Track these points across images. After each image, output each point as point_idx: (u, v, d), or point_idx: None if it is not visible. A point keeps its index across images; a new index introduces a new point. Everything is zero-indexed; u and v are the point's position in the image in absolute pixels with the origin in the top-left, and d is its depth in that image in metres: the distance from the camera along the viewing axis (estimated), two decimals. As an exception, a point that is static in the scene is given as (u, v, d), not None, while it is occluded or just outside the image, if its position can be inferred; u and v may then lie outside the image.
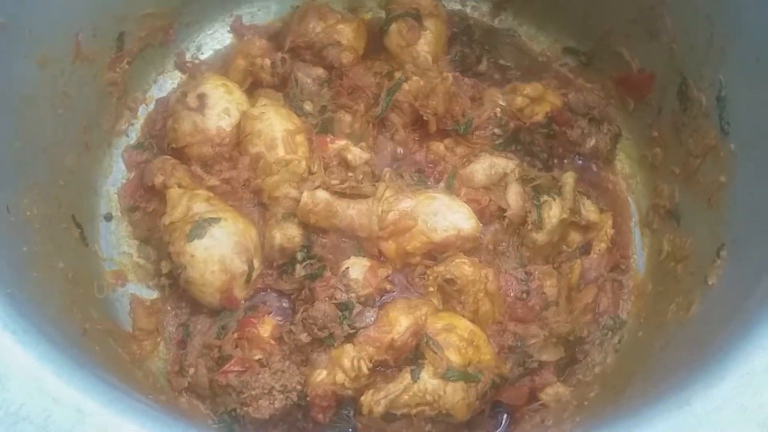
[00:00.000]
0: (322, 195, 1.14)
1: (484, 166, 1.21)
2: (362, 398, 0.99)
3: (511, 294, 1.11)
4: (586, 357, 1.13)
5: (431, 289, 1.09)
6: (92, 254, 1.15)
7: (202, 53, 1.40)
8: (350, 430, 1.03)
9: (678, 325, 0.96)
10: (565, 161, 1.32)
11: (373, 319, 1.06)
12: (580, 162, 1.33)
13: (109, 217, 1.22)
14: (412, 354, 1.04)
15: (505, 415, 1.07)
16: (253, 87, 1.32)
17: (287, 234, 1.13)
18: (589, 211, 1.22)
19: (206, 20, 1.38)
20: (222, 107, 1.22)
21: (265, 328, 1.09)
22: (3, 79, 0.89)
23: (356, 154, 1.20)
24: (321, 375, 1.02)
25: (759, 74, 0.95)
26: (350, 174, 1.20)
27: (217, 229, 1.10)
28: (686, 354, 0.83)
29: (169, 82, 1.36)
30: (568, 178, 1.22)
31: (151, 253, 1.20)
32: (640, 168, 1.31)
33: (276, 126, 1.20)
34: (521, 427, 1.04)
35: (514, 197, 1.18)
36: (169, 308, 1.15)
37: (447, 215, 1.11)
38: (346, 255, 1.15)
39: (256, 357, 1.06)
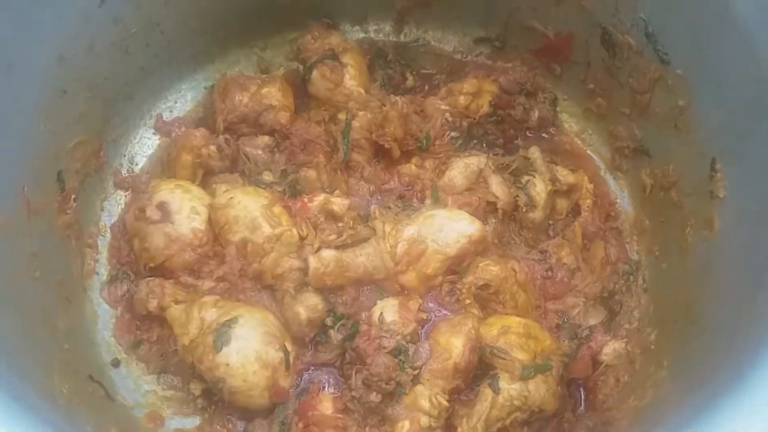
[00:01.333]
0: (328, 254, 1.11)
1: (460, 169, 1.23)
2: (459, 430, 0.97)
3: (538, 276, 1.13)
4: (622, 307, 1.17)
5: (468, 301, 1.10)
6: (120, 407, 1.06)
7: (136, 164, 1.34)
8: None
9: (707, 243, 1.01)
10: (519, 140, 1.36)
11: (427, 353, 1.05)
12: (531, 136, 1.38)
13: (116, 363, 1.13)
14: (479, 370, 1.04)
15: (580, 390, 1.09)
16: (206, 178, 1.27)
17: (310, 305, 1.09)
18: (564, 174, 1.28)
19: (130, 130, 1.33)
20: (188, 208, 1.17)
21: (326, 405, 1.05)
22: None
23: (339, 203, 1.18)
24: (405, 426, 1.00)
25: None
26: (339, 224, 1.18)
27: (239, 328, 1.05)
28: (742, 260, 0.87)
29: (115, 205, 1.28)
30: (535, 152, 1.27)
31: (176, 380, 1.12)
32: (587, 121, 1.39)
33: (250, 206, 1.16)
34: (601, 393, 1.06)
35: (498, 188, 1.21)
36: (219, 427, 1.08)
37: (452, 227, 1.12)
38: (371, 302, 1.13)
39: (332, 437, 1.01)
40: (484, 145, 1.34)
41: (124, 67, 1.24)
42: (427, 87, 1.43)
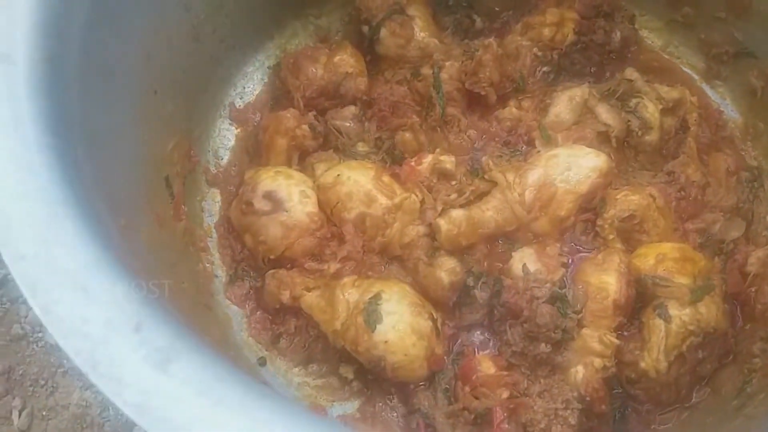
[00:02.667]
0: (458, 214, 1.08)
1: (565, 103, 1.19)
2: (642, 365, 0.95)
3: (672, 197, 1.10)
4: (753, 215, 1.15)
5: (611, 236, 1.07)
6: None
7: (222, 158, 1.28)
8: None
9: None
10: (606, 66, 1.31)
11: (583, 295, 1.02)
12: (615, 58, 1.33)
13: (262, 362, 1.10)
14: (638, 302, 1.01)
15: (736, 307, 1.07)
16: (300, 161, 1.22)
17: (449, 268, 1.06)
18: (666, 91, 1.23)
19: (210, 124, 1.27)
20: (297, 193, 1.12)
21: (487, 365, 1.03)
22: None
23: (450, 160, 1.14)
24: (580, 372, 0.98)
25: None
26: (453, 183, 1.14)
27: (386, 304, 1.02)
28: None
29: (212, 204, 1.23)
30: (634, 73, 1.22)
31: (323, 369, 1.10)
32: (671, 34, 1.33)
33: (361, 180, 1.11)
34: (759, 303, 1.04)
35: (608, 115, 1.17)
36: (381, 406, 1.06)
37: (580, 163, 1.09)
38: (505, 256, 1.10)
39: (505, 396, 0.99)
40: (573, 77, 1.28)
41: (197, 58, 1.18)
42: (497, 26, 1.37)
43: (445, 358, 1.05)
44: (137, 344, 0.61)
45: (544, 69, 1.25)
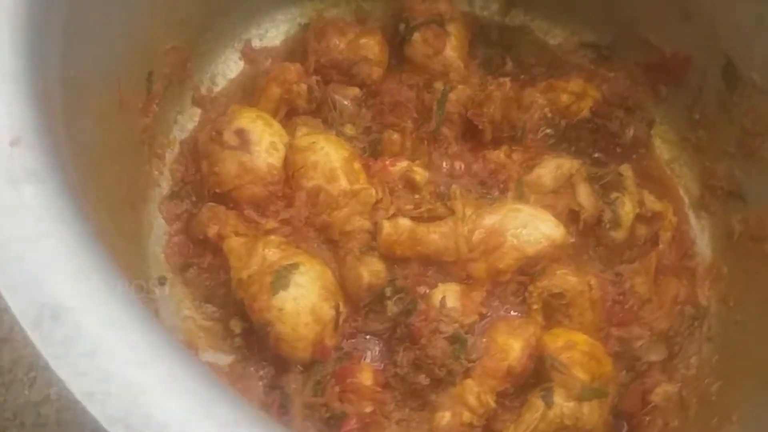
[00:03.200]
0: (405, 223, 1.07)
1: (550, 169, 1.18)
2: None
3: (609, 298, 1.09)
4: (681, 350, 1.13)
5: (535, 306, 1.05)
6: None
7: (216, 84, 1.28)
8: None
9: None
10: (608, 155, 1.31)
11: (483, 348, 1.01)
12: (620, 153, 1.33)
13: (163, 281, 1.08)
14: (531, 378, 1.00)
15: (624, 424, 1.05)
16: (286, 116, 1.22)
17: (373, 270, 1.05)
18: (651, 201, 1.23)
19: (218, 48, 1.27)
20: (267, 142, 1.12)
21: (366, 376, 1.01)
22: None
23: (422, 173, 1.14)
24: (446, 418, 0.96)
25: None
26: (416, 196, 1.13)
27: (299, 276, 1.01)
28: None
29: (188, 121, 1.23)
30: (627, 171, 1.22)
31: (216, 312, 1.08)
32: (681, 151, 1.33)
33: (333, 155, 1.11)
34: (647, 432, 1.02)
35: (586, 197, 1.16)
36: (252, 370, 1.04)
37: (537, 226, 1.07)
38: (431, 283, 1.09)
39: (368, 409, 0.97)
40: (574, 150, 1.28)
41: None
42: (523, 77, 1.37)
43: (333, 352, 1.04)
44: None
45: (548, 131, 1.25)
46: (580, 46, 1.40)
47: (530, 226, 1.07)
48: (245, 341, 1.06)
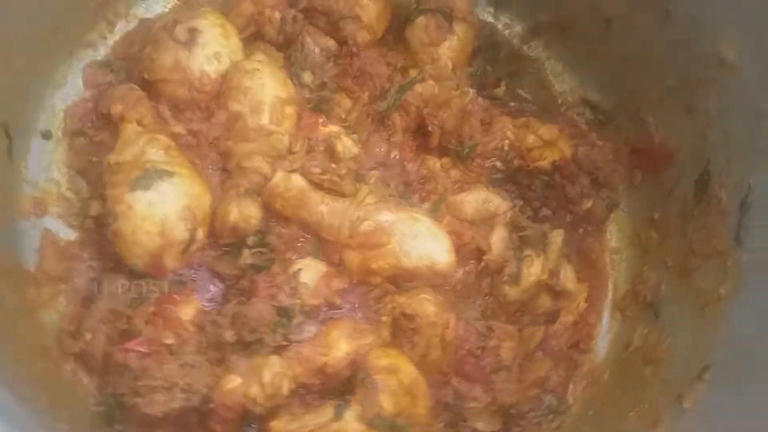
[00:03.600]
0: (297, 181, 1.01)
1: (477, 199, 1.10)
2: (273, 423, 0.87)
3: (466, 347, 1.01)
4: (519, 433, 1.04)
5: (384, 318, 0.98)
6: (15, 171, 0.98)
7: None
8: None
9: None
10: (555, 216, 1.21)
11: (311, 334, 0.94)
12: (569, 221, 1.23)
13: (47, 135, 1.05)
14: (342, 385, 0.92)
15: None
16: (251, 38, 1.17)
17: (245, 213, 0.99)
18: (568, 278, 1.13)
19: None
20: (213, 50, 1.08)
21: (187, 311, 0.96)
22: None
23: (347, 145, 1.07)
24: (234, 382, 0.89)
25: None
26: (333, 166, 1.07)
27: (167, 184, 0.96)
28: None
29: (160, 3, 1.19)
30: (557, 237, 1.13)
31: (84, 189, 1.05)
32: (629, 246, 1.23)
33: (267, 89, 1.06)
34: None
35: (498, 242, 1.08)
36: (85, 256, 1.00)
37: (426, 242, 1.00)
38: (302, 254, 1.02)
39: (168, 341, 0.92)
40: (517, 194, 1.19)
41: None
42: (512, 106, 1.28)
43: (170, 274, 0.98)
44: None
45: (497, 164, 1.17)
46: (582, 101, 1.31)
47: (420, 240, 1.00)
48: (96, 227, 1.01)
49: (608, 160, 1.24)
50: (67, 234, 1.02)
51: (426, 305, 0.96)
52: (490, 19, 1.35)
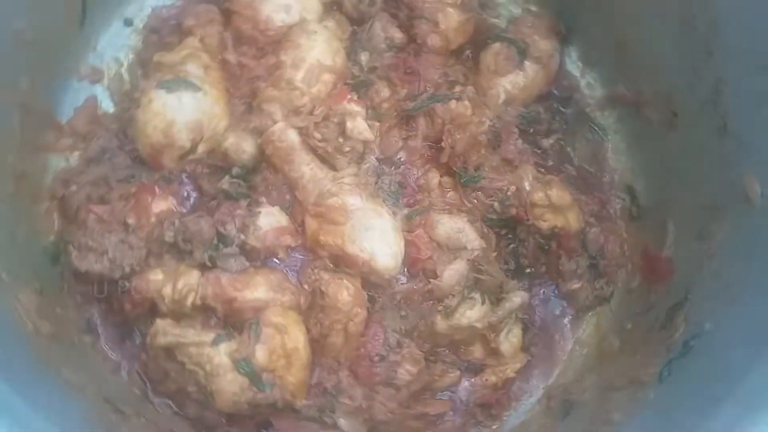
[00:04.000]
0: (292, 136, 1.08)
1: (453, 227, 1.10)
2: (158, 320, 0.97)
3: (368, 348, 1.04)
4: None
5: (305, 286, 1.04)
6: (84, 39, 1.15)
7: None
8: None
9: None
10: (538, 281, 1.19)
11: (239, 268, 1.02)
12: (553, 295, 1.20)
13: (129, 23, 1.22)
14: (238, 323, 1.00)
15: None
16: (333, 4, 1.25)
17: (240, 145, 1.09)
18: (509, 341, 1.11)
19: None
20: (285, 1, 1.17)
21: (159, 204, 1.08)
22: None
23: (358, 127, 1.11)
24: (156, 275, 1.01)
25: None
26: (341, 140, 1.12)
27: (189, 96, 1.08)
28: None
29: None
30: (516, 299, 1.10)
31: (138, 76, 1.20)
32: (591, 345, 1.18)
33: (315, 51, 1.14)
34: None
35: (453, 273, 1.08)
36: (112, 128, 1.15)
37: (374, 238, 1.04)
38: (274, 203, 1.10)
39: (130, 220, 1.05)
40: (509, 243, 1.17)
41: None
42: (551, 163, 1.25)
43: (165, 170, 1.10)
44: None
45: (495, 205, 1.15)
46: (627, 187, 1.25)
47: (370, 234, 1.03)
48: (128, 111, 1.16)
49: (618, 253, 1.18)
50: (108, 106, 1.18)
51: (342, 291, 1.00)
52: (576, 73, 1.31)
